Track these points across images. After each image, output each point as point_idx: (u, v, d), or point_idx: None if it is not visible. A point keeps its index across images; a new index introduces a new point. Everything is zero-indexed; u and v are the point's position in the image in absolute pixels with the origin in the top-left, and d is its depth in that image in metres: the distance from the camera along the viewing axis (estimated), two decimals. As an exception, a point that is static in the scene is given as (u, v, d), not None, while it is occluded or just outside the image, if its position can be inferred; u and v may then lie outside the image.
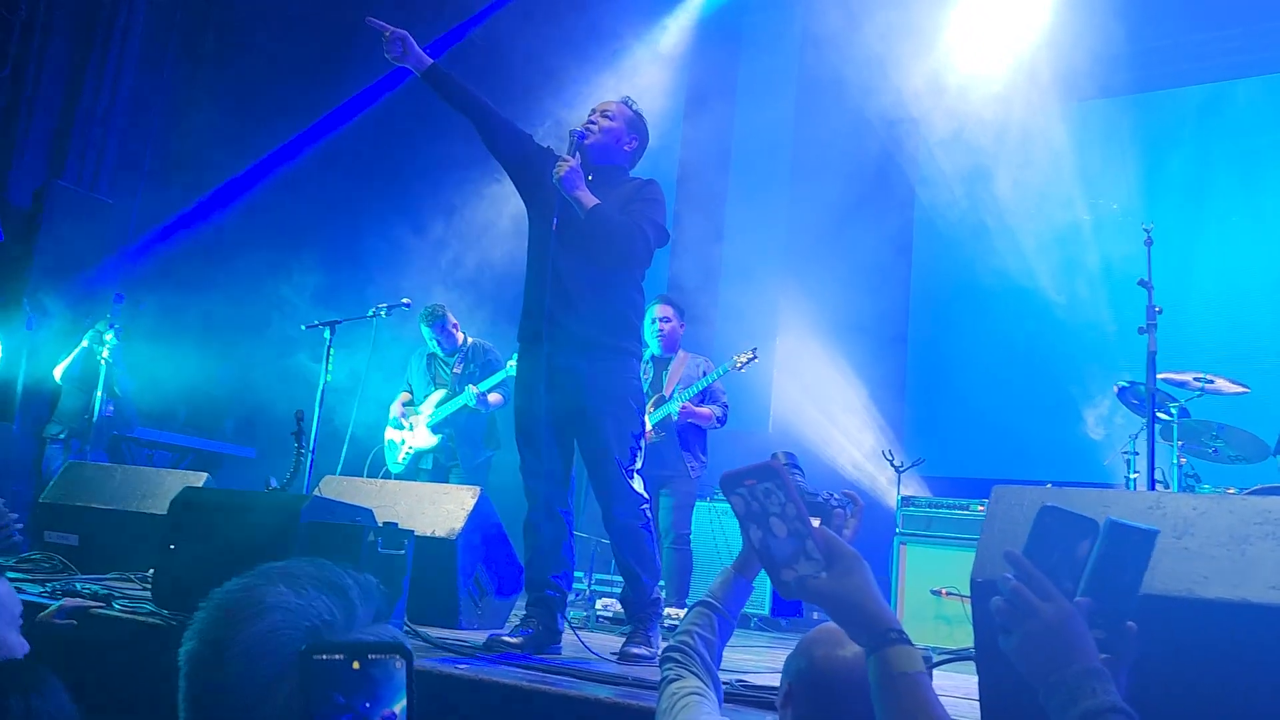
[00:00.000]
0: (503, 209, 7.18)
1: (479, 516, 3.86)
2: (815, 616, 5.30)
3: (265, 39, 7.84)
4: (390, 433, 5.99)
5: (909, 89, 6.92)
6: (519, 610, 3.48)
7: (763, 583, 5.21)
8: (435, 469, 5.83)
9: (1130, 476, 5.00)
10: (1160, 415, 4.62)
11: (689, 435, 5.13)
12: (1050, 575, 1.13)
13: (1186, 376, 4.84)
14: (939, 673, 2.87)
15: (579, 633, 3.32)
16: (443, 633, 3.30)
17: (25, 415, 6.87)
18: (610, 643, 3.39)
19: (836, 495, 1.62)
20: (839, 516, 1.59)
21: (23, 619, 1.89)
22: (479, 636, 3.19)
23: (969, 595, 1.96)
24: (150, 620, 2.98)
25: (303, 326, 5.36)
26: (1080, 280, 6.62)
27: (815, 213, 7.45)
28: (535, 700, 2.36)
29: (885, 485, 6.43)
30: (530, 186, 3.44)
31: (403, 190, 8.26)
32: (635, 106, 3.53)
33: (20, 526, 2.98)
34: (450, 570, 3.70)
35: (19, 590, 2.05)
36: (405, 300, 5.51)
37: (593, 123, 3.42)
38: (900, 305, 7.61)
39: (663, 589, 3.76)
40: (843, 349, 7.18)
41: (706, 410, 5.12)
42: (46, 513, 4.46)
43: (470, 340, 5.99)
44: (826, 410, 7.22)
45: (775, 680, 1.57)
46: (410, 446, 5.86)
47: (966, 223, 7.08)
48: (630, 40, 7.71)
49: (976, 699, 1.95)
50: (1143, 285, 4.28)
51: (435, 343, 5.92)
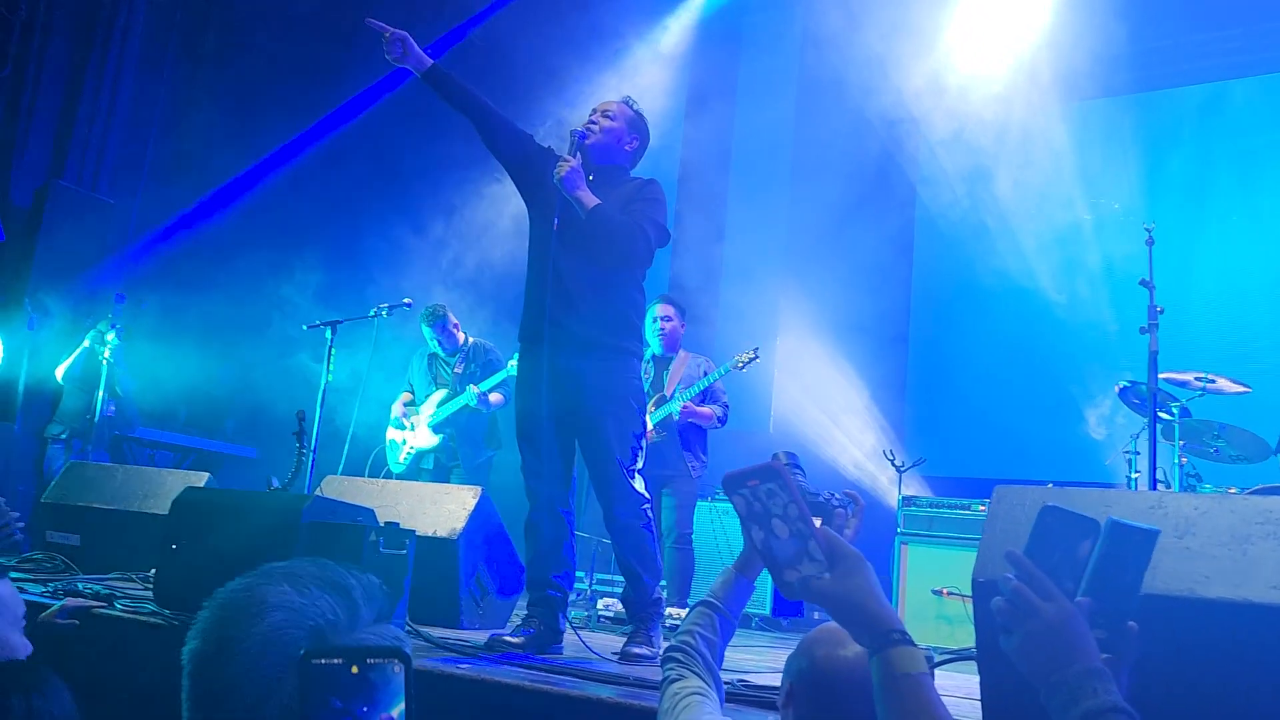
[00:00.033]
0: (503, 209, 7.18)
1: (480, 516, 3.86)
2: (816, 616, 5.30)
3: (266, 39, 7.85)
4: (392, 433, 5.99)
5: (909, 89, 6.92)
6: (520, 610, 3.49)
7: (764, 583, 5.23)
8: (436, 469, 5.84)
9: (1131, 476, 5.00)
10: (1161, 415, 4.62)
11: (690, 435, 5.13)
12: (1051, 575, 1.13)
13: (1188, 376, 4.84)
14: (940, 672, 2.86)
15: (580, 633, 3.32)
16: (444, 632, 3.30)
17: (27, 415, 6.88)
18: (612, 643, 3.39)
19: (838, 495, 1.62)
20: (840, 516, 1.59)
21: (25, 620, 1.90)
22: (480, 636, 3.19)
23: (970, 595, 1.97)
24: (152, 620, 2.99)
25: (304, 326, 5.36)
26: (1081, 280, 6.61)
27: (816, 212, 7.45)
28: (537, 700, 2.36)
29: (886, 485, 6.43)
30: (531, 186, 3.44)
31: (403, 190, 8.26)
32: (636, 106, 3.53)
33: (21, 525, 2.98)
34: (452, 570, 3.70)
35: (21, 590, 2.05)
36: (406, 300, 5.50)
37: (593, 123, 3.42)
38: (901, 305, 7.60)
39: (664, 589, 3.76)
40: (844, 349, 7.18)
41: (707, 410, 5.12)
42: (48, 513, 4.46)
43: (471, 340, 5.99)
44: (828, 410, 7.22)
45: (777, 680, 1.57)
46: (412, 446, 5.86)
47: (968, 223, 7.07)
48: (631, 40, 7.71)
49: (978, 699, 1.95)
50: (1144, 285, 4.28)
51: (436, 343, 5.93)
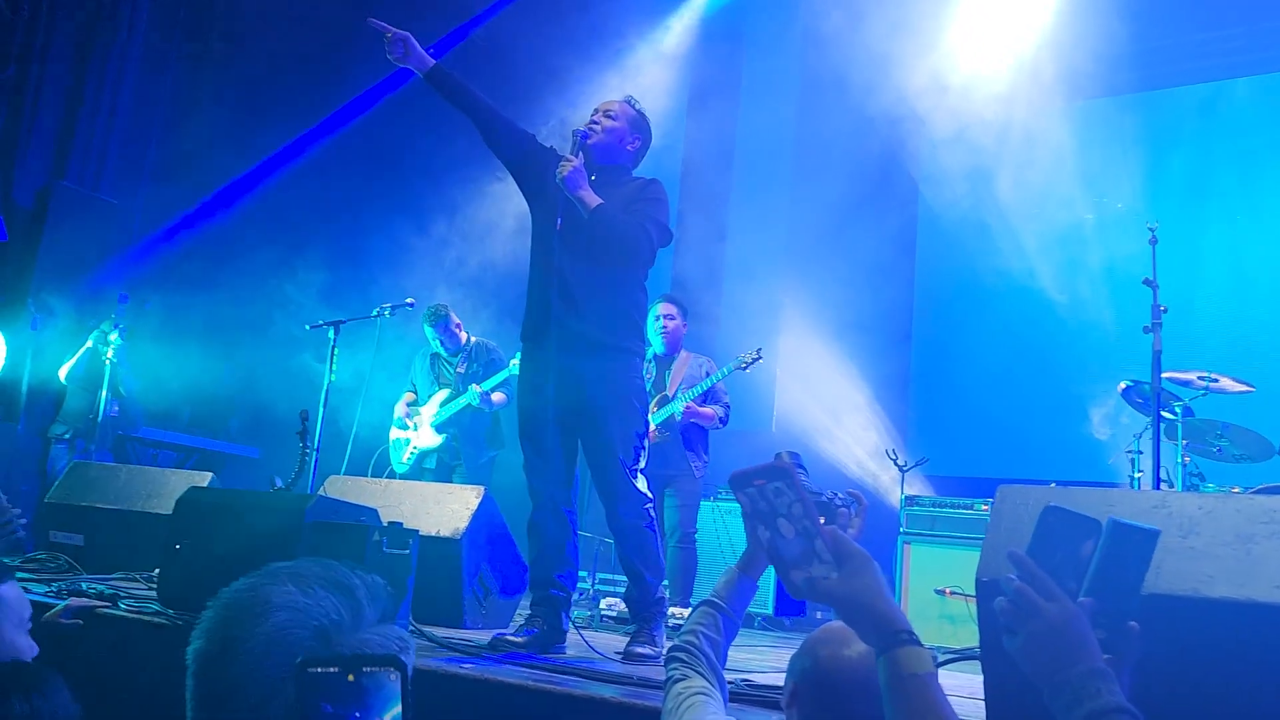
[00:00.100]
0: (506, 208, 7.18)
1: (483, 516, 3.86)
2: (819, 616, 5.29)
3: (268, 39, 7.84)
4: (395, 433, 6.00)
5: (912, 88, 6.90)
6: (523, 610, 3.48)
7: (766, 582, 5.22)
8: (439, 469, 5.84)
9: (1135, 476, 4.99)
10: (1165, 414, 4.61)
11: (692, 435, 5.13)
12: (1054, 575, 1.13)
13: (1191, 375, 4.83)
14: (943, 672, 2.86)
15: (583, 632, 3.32)
16: (448, 632, 3.30)
17: (30, 415, 6.89)
18: (615, 642, 3.39)
19: (840, 494, 1.62)
20: (843, 516, 1.59)
21: (31, 621, 1.90)
22: (484, 636, 3.19)
23: (973, 595, 1.96)
24: (156, 620, 2.99)
25: (307, 326, 5.36)
26: (1084, 279, 6.60)
27: (818, 211, 7.44)
28: (540, 700, 2.36)
29: (889, 484, 6.42)
30: (533, 186, 3.44)
31: (406, 190, 8.26)
32: (638, 106, 3.53)
33: (24, 522, 2.99)
34: (455, 570, 3.70)
35: (25, 590, 2.06)
36: (409, 300, 5.50)
37: (595, 122, 3.42)
38: (904, 304, 7.60)
39: (666, 588, 3.76)
40: (846, 348, 7.17)
41: (709, 410, 5.12)
42: (52, 512, 4.47)
43: (474, 340, 6.00)
44: (830, 409, 7.21)
45: (780, 680, 1.57)
46: (414, 446, 5.87)
47: (970, 222, 7.06)
48: (633, 40, 7.71)
49: (981, 699, 1.95)
50: (1147, 284, 4.27)
51: (439, 343, 5.93)
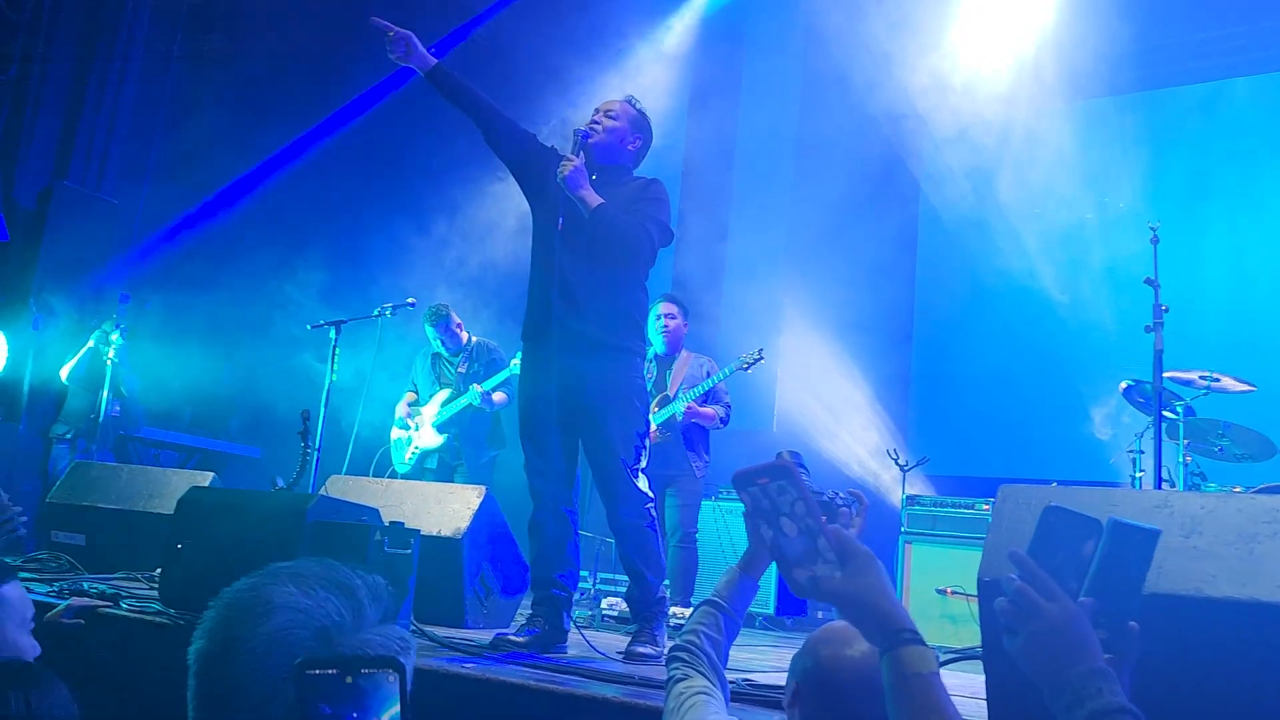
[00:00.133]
0: (507, 208, 7.18)
1: (484, 516, 3.86)
2: (820, 615, 5.29)
3: (269, 39, 7.85)
4: (396, 432, 6.00)
5: (913, 87, 6.90)
6: (524, 610, 3.48)
7: (767, 582, 5.23)
8: (440, 468, 5.84)
9: (1136, 475, 4.99)
10: (1166, 414, 4.60)
11: (693, 435, 5.13)
12: (1055, 575, 1.13)
13: (1192, 375, 4.82)
14: (945, 672, 2.86)
15: (585, 632, 3.32)
16: (449, 632, 3.30)
17: (32, 415, 6.89)
18: (616, 642, 3.39)
19: (842, 494, 1.62)
20: (844, 515, 1.59)
21: (34, 621, 1.90)
22: (485, 636, 3.20)
23: (974, 594, 1.96)
24: (158, 620, 2.99)
25: (308, 326, 5.36)
26: (1085, 278, 6.59)
27: (819, 211, 7.44)
28: (542, 699, 2.36)
29: (890, 484, 6.42)
30: (534, 186, 3.44)
31: (407, 189, 8.26)
32: (639, 105, 3.53)
33: (25, 519, 2.99)
34: (456, 570, 3.70)
35: (27, 590, 2.06)
36: (410, 300, 5.50)
37: (596, 122, 3.41)
38: (905, 303, 7.59)
39: (667, 588, 3.76)
40: (847, 347, 7.17)
41: (710, 410, 5.12)
42: (53, 512, 4.47)
43: (474, 339, 6.00)
44: (831, 408, 7.21)
45: (781, 679, 1.57)
46: (416, 446, 5.87)
47: (972, 221, 7.06)
48: (634, 39, 7.71)
49: (983, 698, 1.95)
50: (1149, 283, 4.27)
51: (439, 342, 5.93)
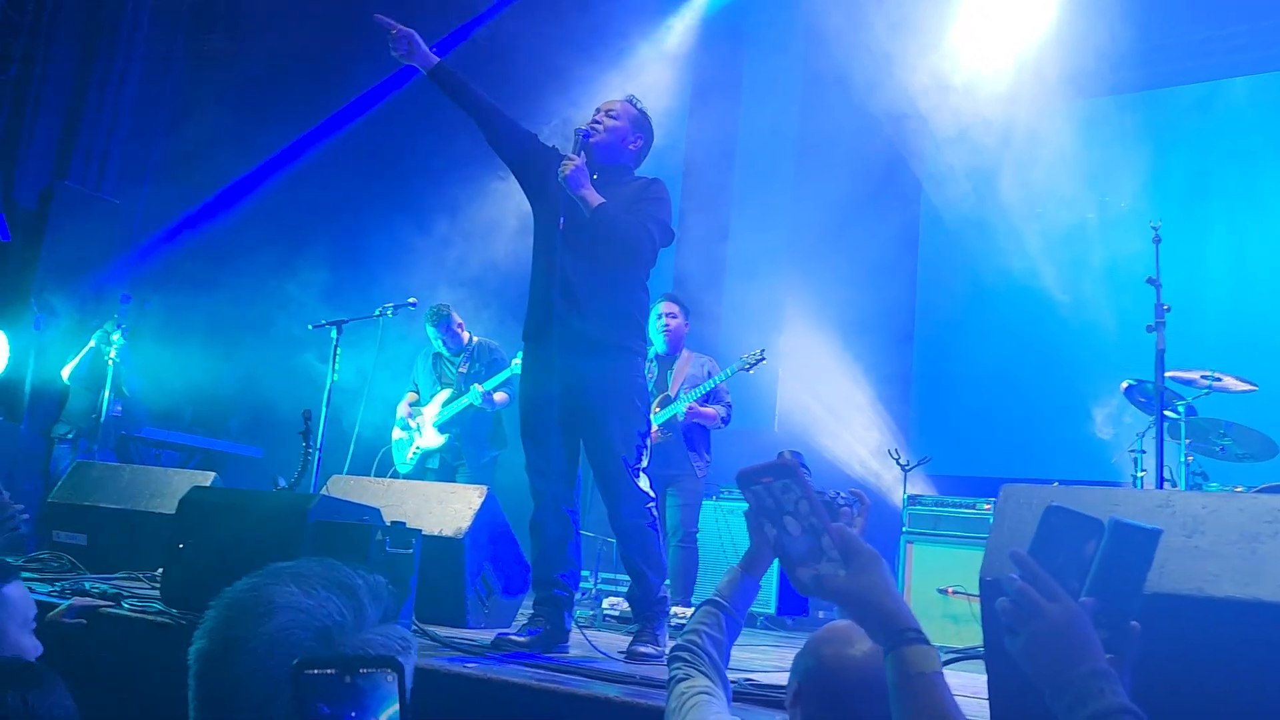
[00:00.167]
0: (507, 208, 7.18)
1: (486, 516, 3.86)
2: (821, 615, 5.29)
3: (270, 39, 7.85)
4: (397, 432, 6.00)
5: (915, 86, 6.89)
6: (526, 609, 3.49)
7: (769, 581, 5.22)
8: (442, 468, 5.84)
9: (1138, 475, 4.98)
10: (1168, 413, 4.60)
11: (694, 435, 5.13)
12: (1057, 575, 1.13)
13: (1194, 374, 4.81)
14: (947, 671, 2.86)
15: (586, 632, 3.32)
16: (450, 632, 3.30)
17: (33, 415, 6.90)
18: (617, 642, 3.39)
19: (843, 494, 1.61)
20: (846, 515, 1.59)
21: (36, 621, 1.90)
22: (486, 636, 3.20)
23: (976, 594, 1.96)
24: (159, 619, 2.99)
25: (310, 326, 5.36)
26: (1087, 278, 6.58)
27: (820, 210, 7.43)
28: (544, 699, 2.36)
29: (891, 484, 6.41)
30: (536, 186, 3.44)
31: (407, 189, 8.26)
32: (640, 105, 3.53)
33: (26, 517, 3.00)
34: (457, 570, 3.70)
35: (29, 590, 2.06)
36: (412, 300, 5.50)
37: (597, 122, 3.41)
38: (906, 303, 7.58)
39: (668, 588, 3.76)
40: (849, 347, 7.16)
41: (711, 410, 5.12)
42: (55, 512, 4.48)
43: (476, 339, 6.00)
44: (832, 408, 7.20)
45: (783, 679, 1.57)
46: (417, 446, 5.87)
47: (973, 221, 7.05)
48: (635, 39, 7.70)
49: (985, 698, 1.95)
50: (1151, 283, 4.27)
51: (441, 342, 5.93)
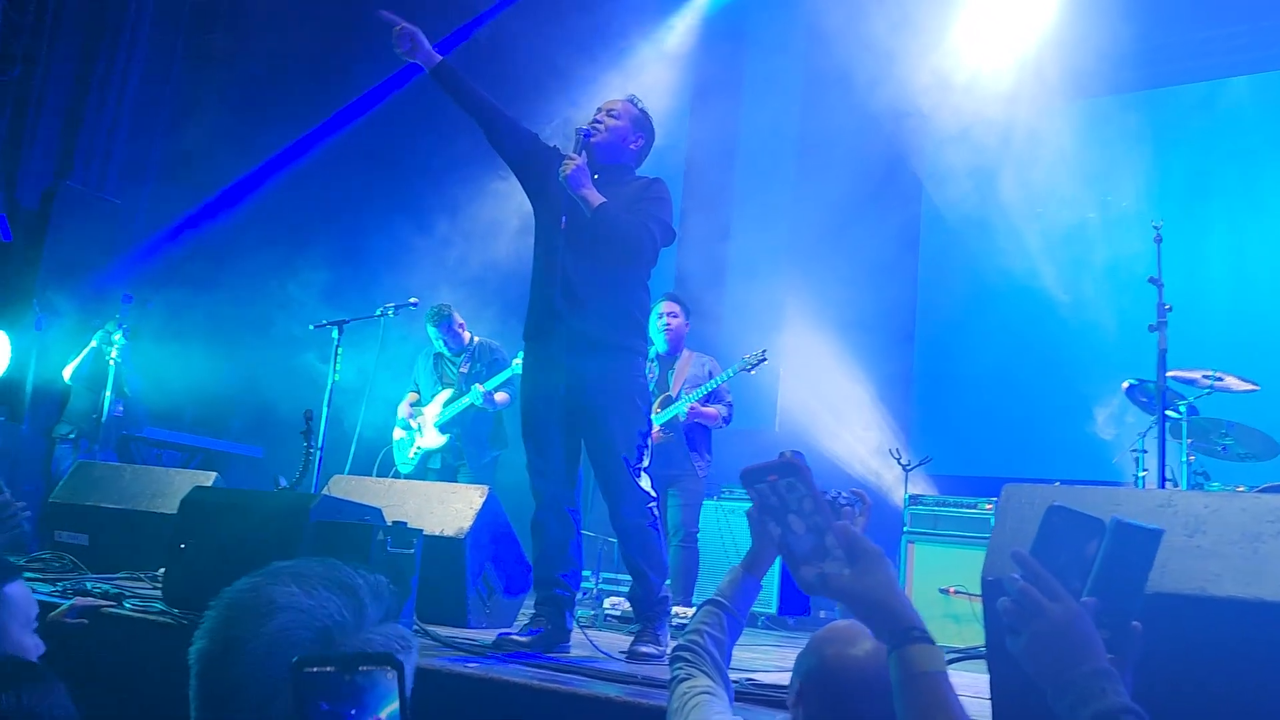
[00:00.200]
0: (508, 207, 7.17)
1: (487, 516, 3.86)
2: (823, 615, 5.29)
3: (272, 39, 7.85)
4: (398, 433, 6.00)
5: (916, 85, 6.89)
6: (527, 609, 3.49)
7: (770, 581, 5.22)
8: (443, 468, 5.85)
9: (1139, 475, 4.98)
10: (1169, 413, 4.59)
11: (695, 435, 5.13)
12: (1059, 575, 1.13)
13: (1196, 374, 4.81)
14: (948, 671, 2.86)
15: (587, 631, 3.32)
16: (452, 632, 3.30)
17: (35, 415, 6.90)
18: (618, 641, 3.39)
19: (844, 493, 1.62)
20: (847, 515, 1.59)
21: (38, 621, 1.90)
22: (488, 635, 3.20)
23: (977, 594, 1.96)
24: (161, 619, 3.00)
25: (311, 326, 5.36)
26: (1088, 278, 6.57)
27: (821, 210, 7.43)
28: (545, 699, 2.36)
29: (892, 483, 6.41)
30: (537, 186, 3.44)
31: (408, 189, 8.26)
32: (641, 105, 3.53)
33: (28, 515, 3.00)
34: (459, 569, 3.71)
35: (31, 590, 2.06)
36: (413, 300, 5.49)
37: (598, 121, 3.41)
38: (908, 302, 7.58)
39: (669, 587, 3.75)
40: (850, 346, 7.16)
41: (713, 410, 5.12)
42: (56, 512, 4.48)
43: (477, 339, 6.00)
44: (833, 408, 7.19)
45: (785, 679, 1.57)
46: (418, 446, 5.87)
47: (974, 220, 7.04)
48: (636, 39, 7.70)
49: (987, 698, 1.95)
50: (1153, 282, 4.26)
51: (441, 342, 5.93)
